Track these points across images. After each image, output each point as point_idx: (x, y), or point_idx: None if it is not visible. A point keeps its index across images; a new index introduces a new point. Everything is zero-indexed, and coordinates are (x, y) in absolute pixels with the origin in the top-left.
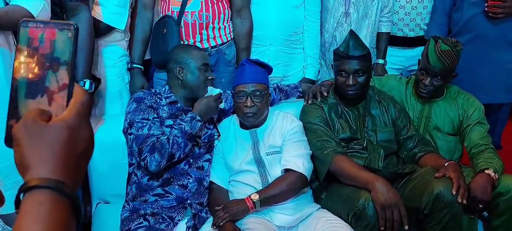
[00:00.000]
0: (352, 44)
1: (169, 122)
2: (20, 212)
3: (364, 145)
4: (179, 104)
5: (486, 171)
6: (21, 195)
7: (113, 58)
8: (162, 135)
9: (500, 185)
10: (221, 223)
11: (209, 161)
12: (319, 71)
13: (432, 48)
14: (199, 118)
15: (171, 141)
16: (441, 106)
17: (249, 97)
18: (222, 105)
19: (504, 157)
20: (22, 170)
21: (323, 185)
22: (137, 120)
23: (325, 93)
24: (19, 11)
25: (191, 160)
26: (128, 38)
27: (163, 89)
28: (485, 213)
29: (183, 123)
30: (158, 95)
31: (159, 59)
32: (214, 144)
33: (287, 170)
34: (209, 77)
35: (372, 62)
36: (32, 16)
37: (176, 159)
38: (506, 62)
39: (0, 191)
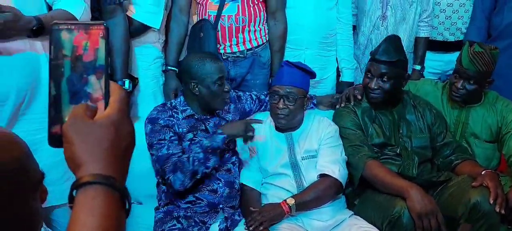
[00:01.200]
0: (383, 48)
1: (190, 135)
2: (74, 206)
3: (398, 151)
4: (196, 116)
5: None
6: (74, 191)
7: (148, 60)
8: (182, 153)
9: None
10: (257, 228)
11: (234, 163)
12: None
13: (466, 51)
14: (221, 131)
15: (191, 158)
16: (478, 113)
17: (281, 99)
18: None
19: None
20: (74, 167)
21: (356, 192)
22: (155, 142)
23: (359, 97)
24: (65, 15)
25: (217, 165)
26: (163, 40)
27: (179, 101)
28: None
29: (203, 138)
30: (174, 110)
31: None
32: (247, 147)
33: (322, 175)
34: (225, 90)
35: (408, 69)
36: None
37: (200, 175)
38: None
39: (43, 185)
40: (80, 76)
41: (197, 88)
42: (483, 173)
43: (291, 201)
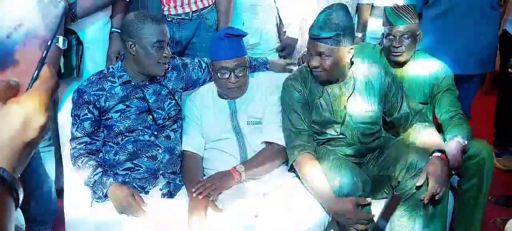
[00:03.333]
0: (318, 23)
1: (120, 106)
2: None
3: (340, 130)
4: (133, 82)
5: (456, 138)
6: None
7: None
8: (86, 137)
9: (470, 149)
10: (209, 195)
11: (175, 130)
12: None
13: (390, 10)
14: (106, 190)
15: (80, 167)
16: (412, 74)
17: (232, 73)
18: (195, 75)
19: (473, 123)
20: None
21: None
22: (72, 115)
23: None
24: None
25: (156, 132)
26: None
27: (117, 66)
28: (455, 178)
29: (89, 173)
30: (110, 77)
31: None
32: (186, 113)
33: (268, 142)
34: (164, 55)
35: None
36: None
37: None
38: (480, 35)
39: None
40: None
41: (134, 48)
42: (430, 157)
43: (241, 168)
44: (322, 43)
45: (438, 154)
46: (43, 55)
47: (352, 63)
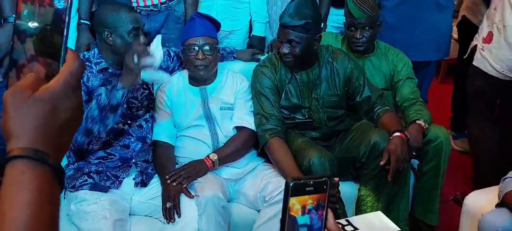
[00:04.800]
0: (289, 11)
1: (102, 89)
2: (4, 179)
3: (307, 115)
4: (110, 70)
5: (417, 122)
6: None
7: None
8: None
9: (429, 133)
10: (183, 183)
11: (147, 120)
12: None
13: (351, 2)
14: (121, 86)
15: (84, 115)
16: (373, 62)
17: (200, 50)
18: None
19: (430, 109)
20: (6, 137)
21: None
22: None
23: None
24: None
25: (129, 121)
26: None
27: (92, 53)
28: (415, 161)
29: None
30: (87, 62)
31: None
32: (156, 103)
33: (239, 128)
34: (140, 42)
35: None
36: None
37: (96, 133)
38: (436, 22)
39: None
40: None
41: (111, 38)
42: (391, 137)
43: (214, 157)
44: (293, 30)
45: (398, 133)
46: (64, 39)
47: (317, 51)
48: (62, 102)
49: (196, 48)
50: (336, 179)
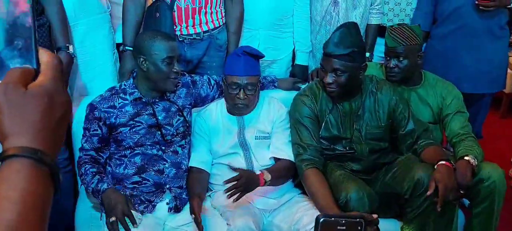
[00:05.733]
0: (334, 40)
1: (130, 123)
2: None
3: (349, 146)
4: (144, 99)
5: (466, 158)
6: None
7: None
8: (93, 151)
9: (481, 172)
10: (235, 196)
11: (183, 146)
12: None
13: (387, 31)
14: (105, 187)
15: (82, 173)
16: (420, 94)
17: (242, 90)
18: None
19: (484, 146)
20: (1, 137)
21: None
22: (83, 127)
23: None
24: None
25: (163, 147)
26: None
27: (128, 83)
28: (466, 201)
29: (88, 179)
30: (121, 93)
31: None
32: (195, 129)
33: (276, 158)
34: (174, 71)
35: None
36: None
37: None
38: (490, 53)
39: None
40: (10, 40)
41: (145, 64)
42: (436, 167)
43: (268, 177)
44: (337, 59)
45: (443, 162)
46: (34, 41)
47: (361, 80)
48: (56, 97)
49: (239, 87)
50: (375, 215)
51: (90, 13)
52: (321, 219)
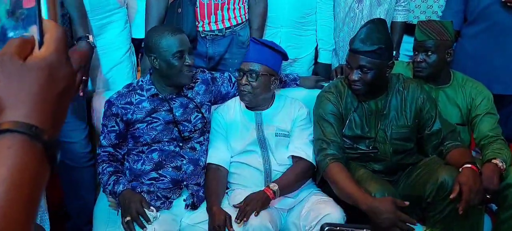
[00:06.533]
0: (360, 36)
1: (147, 119)
2: None
3: (373, 145)
4: (160, 96)
5: (493, 161)
6: None
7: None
8: (111, 147)
9: (509, 177)
10: (245, 219)
11: (201, 143)
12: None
13: (417, 25)
14: (122, 189)
15: (100, 172)
16: (448, 94)
17: (244, 76)
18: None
19: None
20: None
21: None
22: (102, 123)
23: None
24: None
25: (180, 143)
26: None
27: (146, 79)
28: (493, 206)
29: (105, 179)
30: (139, 90)
31: None
32: (213, 125)
33: (295, 158)
34: (186, 64)
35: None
36: None
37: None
38: None
39: None
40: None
41: (156, 62)
42: (461, 169)
43: (275, 186)
44: (364, 56)
45: (468, 165)
46: (39, 11)
47: (388, 78)
48: (58, 70)
49: (242, 72)
50: (407, 202)
51: (105, 9)
52: (326, 228)
